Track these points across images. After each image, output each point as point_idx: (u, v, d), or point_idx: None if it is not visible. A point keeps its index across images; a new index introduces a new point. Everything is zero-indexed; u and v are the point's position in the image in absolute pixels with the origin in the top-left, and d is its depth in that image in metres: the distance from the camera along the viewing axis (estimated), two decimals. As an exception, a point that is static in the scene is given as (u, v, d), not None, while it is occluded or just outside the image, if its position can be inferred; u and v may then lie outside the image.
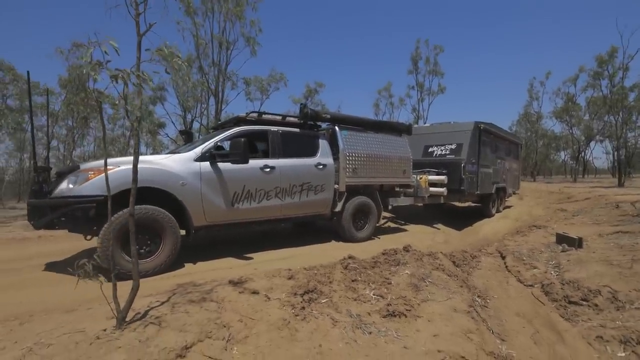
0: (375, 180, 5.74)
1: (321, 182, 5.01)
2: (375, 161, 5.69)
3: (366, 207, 5.61)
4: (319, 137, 5.29)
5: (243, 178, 4.21)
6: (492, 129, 9.07)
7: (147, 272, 3.43)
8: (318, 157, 5.08)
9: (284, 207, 4.63)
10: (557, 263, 4.32)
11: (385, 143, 5.95)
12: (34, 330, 2.14)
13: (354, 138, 5.51)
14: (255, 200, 4.33)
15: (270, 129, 4.75)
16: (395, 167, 6.04)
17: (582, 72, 26.77)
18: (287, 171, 4.64)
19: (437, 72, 29.41)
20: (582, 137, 30.77)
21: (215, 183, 3.99)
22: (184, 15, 13.40)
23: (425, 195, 7.28)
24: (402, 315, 2.62)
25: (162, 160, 3.75)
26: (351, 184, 5.36)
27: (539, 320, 3.09)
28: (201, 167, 3.92)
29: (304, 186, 4.82)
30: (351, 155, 5.36)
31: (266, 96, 20.39)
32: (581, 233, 5.40)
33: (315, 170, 4.97)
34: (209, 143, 4.15)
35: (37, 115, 22.60)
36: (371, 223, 5.68)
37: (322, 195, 5.04)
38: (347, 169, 5.30)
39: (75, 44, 2.48)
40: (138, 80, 2.14)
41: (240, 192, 4.19)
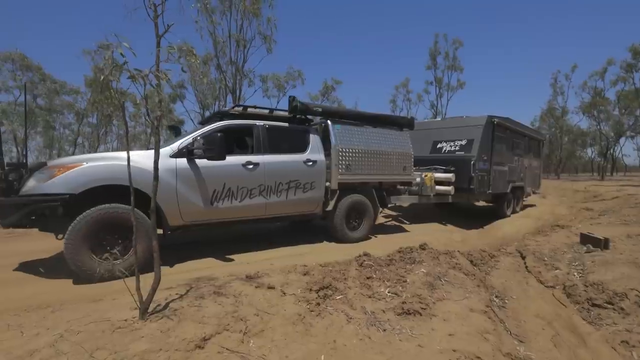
0: (371, 178, 5.46)
1: (311, 180, 4.74)
2: (371, 157, 5.38)
3: (361, 205, 5.33)
4: (309, 131, 5.01)
5: (223, 175, 3.99)
6: (509, 124, 8.46)
7: (119, 272, 3.21)
8: (308, 153, 4.80)
9: (269, 206, 4.41)
10: (580, 264, 4.17)
11: (383, 138, 5.62)
12: (65, 318, 2.26)
13: (348, 132, 5.21)
14: (237, 198, 4.11)
15: (256, 123, 4.49)
16: (394, 164, 5.71)
17: (611, 65, 25.54)
18: (272, 168, 4.39)
19: (456, 67, 28.84)
20: (611, 133, 29.37)
21: (193, 181, 3.79)
22: (202, 14, 13.61)
23: (430, 194, 6.94)
24: (417, 313, 2.61)
25: (134, 156, 3.46)
26: (344, 182, 5.08)
27: (560, 323, 3.01)
28: (177, 164, 3.72)
29: (292, 184, 4.55)
30: (345, 150, 5.06)
31: (283, 93, 20.52)
32: (608, 233, 5.18)
33: (304, 167, 4.70)
34: (187, 138, 3.93)
35: (63, 113, 23.66)
36: (366, 223, 5.40)
37: (312, 193, 4.78)
38: (340, 165, 5.00)
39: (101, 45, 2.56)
40: (157, 80, 2.21)
41: (220, 190, 3.98)
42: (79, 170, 3.23)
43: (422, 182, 6.93)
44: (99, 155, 3.56)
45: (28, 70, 19.47)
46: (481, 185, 7.35)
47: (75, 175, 3.21)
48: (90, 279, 3.11)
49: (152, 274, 2.35)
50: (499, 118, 7.84)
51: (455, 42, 28.36)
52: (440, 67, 29.28)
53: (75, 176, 3.21)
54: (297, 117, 5.02)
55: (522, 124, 9.52)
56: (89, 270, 3.12)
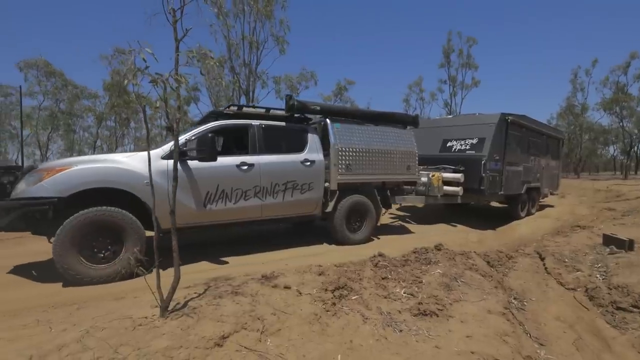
0: (373, 177, 5.29)
1: (309, 180, 4.61)
2: (373, 156, 5.21)
3: (362, 206, 5.16)
4: (308, 131, 4.87)
5: (216, 177, 3.89)
6: (524, 122, 8.06)
7: (107, 277, 3.21)
8: (305, 153, 4.67)
9: (265, 207, 4.29)
10: (603, 266, 4.05)
11: (386, 136, 5.44)
12: (90, 315, 2.35)
13: (348, 131, 5.06)
14: (231, 200, 4.00)
15: (251, 123, 4.38)
16: (397, 163, 5.51)
17: (635, 59, 24.62)
18: (268, 169, 4.28)
19: (471, 64, 28.37)
20: (634, 130, 28.29)
21: (185, 182, 3.69)
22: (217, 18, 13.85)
23: (438, 194, 6.72)
24: (434, 314, 2.59)
25: (125, 158, 3.51)
26: (344, 182, 4.92)
27: (582, 326, 2.93)
28: (169, 166, 3.56)
29: (289, 185, 4.43)
30: (344, 150, 4.91)
31: (296, 94, 20.61)
32: (632, 234, 5.00)
33: (302, 167, 4.57)
34: (179, 139, 3.82)
35: (83, 117, 24.42)
36: (368, 224, 5.24)
37: (310, 194, 4.64)
38: (340, 165, 4.85)
39: (118, 50, 2.61)
40: (177, 84, 2.27)
41: (214, 192, 3.88)
42: (67, 174, 3.18)
43: (429, 182, 6.72)
44: (91, 157, 3.52)
45: (51, 76, 20.18)
46: (492, 186, 7.05)
47: (64, 178, 3.17)
48: (78, 282, 3.10)
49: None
50: (514, 116, 7.50)
51: (469, 40, 27.90)
52: (454, 65, 28.87)
53: (64, 179, 3.17)
54: (295, 116, 4.92)
55: (539, 122, 9.11)
56: (77, 274, 3.09)
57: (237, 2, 14.21)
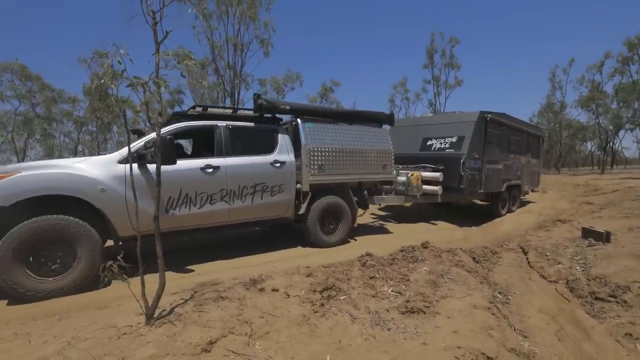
0: (348, 178, 5.19)
1: (279, 182, 4.48)
2: (347, 156, 5.11)
3: (337, 208, 5.05)
4: (278, 131, 4.74)
5: (179, 181, 3.72)
6: (503, 120, 8.00)
7: (59, 290, 3.03)
8: (275, 154, 4.54)
9: (233, 211, 4.14)
10: (583, 258, 4.18)
11: (360, 135, 5.33)
12: (72, 325, 2.29)
13: (320, 131, 4.93)
14: (195, 205, 3.85)
15: (217, 124, 4.23)
16: (373, 162, 5.43)
17: (608, 58, 25.60)
18: (235, 171, 4.13)
19: (454, 64, 28.91)
20: (610, 126, 29.37)
21: (145, 187, 3.50)
22: (199, 19, 13.69)
23: (417, 194, 6.68)
24: (421, 311, 2.62)
25: (77, 164, 3.33)
26: (317, 183, 4.81)
27: (564, 317, 3.02)
28: (126, 171, 3.39)
29: (258, 187, 4.30)
30: (317, 150, 4.79)
31: (282, 95, 20.56)
32: (609, 227, 5.19)
33: (272, 168, 4.44)
34: (138, 142, 3.68)
35: (63, 122, 23.72)
36: (344, 226, 5.14)
37: (281, 196, 4.52)
38: (312, 165, 4.73)
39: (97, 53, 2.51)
40: (156, 87, 2.24)
41: (176, 197, 3.73)
42: (9, 181, 2.97)
43: (408, 181, 6.68)
44: (40, 163, 3.34)
45: (27, 80, 19.54)
46: (472, 184, 7.01)
47: (5, 185, 2.96)
48: (30, 299, 2.93)
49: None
50: (493, 114, 7.46)
51: (451, 40, 28.47)
52: (437, 65, 29.38)
53: (4, 186, 2.96)
54: (265, 117, 4.79)
55: (519, 119, 9.16)
56: (26, 289, 2.89)
57: (220, 3, 14.08)
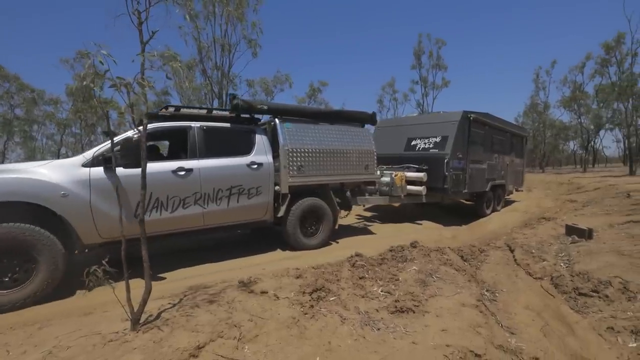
0: (329, 179, 5.06)
1: (256, 184, 4.34)
2: (328, 157, 5.00)
3: (318, 209, 4.93)
4: (255, 132, 4.60)
5: (149, 184, 3.26)
6: (487, 120, 8.00)
7: (16, 303, 2.86)
8: (252, 156, 4.41)
9: (207, 215, 4.00)
10: (566, 255, 4.28)
11: (342, 135, 5.23)
12: (53, 333, 2.21)
13: (300, 131, 4.81)
14: (167, 209, 3.69)
15: (190, 125, 4.09)
16: (355, 163, 5.33)
17: (589, 60, 26.37)
18: (209, 174, 3.99)
19: (441, 65, 29.28)
20: (591, 126, 30.26)
21: (111, 192, 3.33)
22: (186, 20, 13.51)
23: (401, 194, 6.66)
24: (410, 311, 2.64)
25: (37, 168, 3.16)
26: (297, 185, 4.69)
27: (549, 313, 3.08)
28: (91, 174, 3.29)
29: (234, 190, 4.15)
30: (296, 151, 4.66)
31: (271, 97, 20.47)
32: (591, 224, 5.34)
33: (248, 170, 4.30)
34: (105, 145, 3.52)
35: (45, 124, 23.09)
36: (325, 228, 5.02)
37: (258, 199, 4.37)
38: (290, 167, 4.61)
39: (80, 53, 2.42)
40: (141, 88, 2.19)
41: (147, 201, 3.56)
42: None
43: (392, 182, 6.64)
44: None
45: (5, 81, 18.94)
46: (456, 184, 6.99)
47: None
48: None
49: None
50: (476, 113, 7.45)
51: (438, 42, 28.81)
52: (425, 66, 29.72)
53: None
54: (242, 117, 4.65)
55: (503, 119, 9.17)
56: None
57: (207, 4, 13.95)
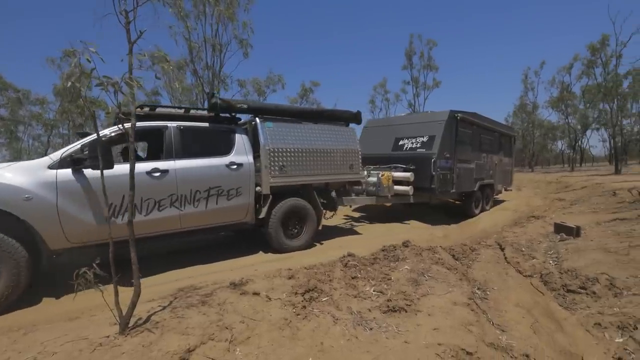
0: (312, 179, 4.97)
1: (236, 185, 4.23)
2: (311, 156, 4.92)
3: (301, 210, 4.83)
4: (235, 131, 4.50)
5: (121, 186, 3.34)
6: (474, 119, 8.01)
7: None
8: (232, 156, 4.30)
9: (184, 217, 3.88)
10: (555, 252, 4.35)
11: (325, 135, 5.15)
12: (38, 339, 2.16)
13: (282, 130, 4.72)
14: (141, 212, 3.57)
15: (166, 124, 3.98)
16: (339, 162, 5.25)
17: (577, 61, 26.90)
18: (186, 175, 3.88)
19: (432, 66, 29.53)
20: (578, 126, 30.87)
21: (80, 195, 3.23)
22: (176, 20, 13.38)
23: (388, 194, 6.64)
24: (403, 310, 2.64)
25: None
26: (279, 185, 4.60)
27: (538, 310, 3.12)
28: (58, 176, 3.16)
29: (212, 191, 4.04)
30: (277, 150, 4.57)
31: (263, 97, 20.40)
32: (579, 222, 5.44)
33: (228, 171, 4.20)
34: (74, 145, 3.39)
35: (31, 125, 22.61)
36: (308, 229, 4.91)
37: (238, 200, 4.25)
38: (272, 167, 4.51)
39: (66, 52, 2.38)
40: (129, 88, 2.15)
41: (118, 204, 3.43)
42: None
43: (379, 181, 6.62)
44: None
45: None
46: (443, 184, 6.96)
47: None
48: None
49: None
50: (463, 113, 7.46)
51: (429, 43, 29.05)
52: (416, 66, 29.94)
53: None
54: (222, 116, 4.55)
55: (491, 119, 9.17)
56: None
57: (197, 3, 13.82)
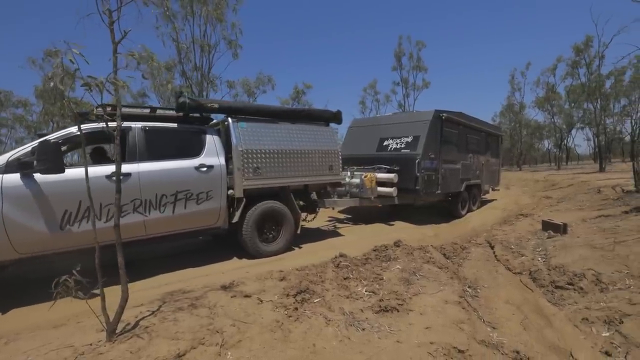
0: (289, 181, 4.78)
1: (206, 189, 4.03)
2: (288, 157, 4.74)
3: (277, 214, 4.63)
4: (206, 132, 4.31)
5: (77, 191, 3.16)
6: (460, 119, 7.88)
7: None
8: (202, 158, 4.10)
9: (150, 224, 3.65)
10: (543, 249, 4.42)
11: (303, 135, 4.99)
12: (21, 348, 2.09)
13: (256, 130, 4.53)
14: (100, 219, 3.33)
15: (130, 125, 3.76)
16: (318, 163, 5.08)
17: (561, 62, 27.54)
18: (150, 178, 3.65)
19: (421, 67, 29.80)
20: (563, 125, 31.58)
21: (30, 201, 3.02)
22: (163, 20, 13.22)
23: (371, 196, 6.47)
24: (395, 310, 2.65)
25: None
26: (252, 188, 4.37)
27: (528, 307, 3.16)
28: (4, 182, 2.96)
29: (180, 195, 3.83)
30: (251, 152, 4.37)
31: (253, 98, 20.30)
32: (566, 219, 5.54)
33: (197, 173, 3.99)
34: (23, 148, 3.20)
35: (14, 128, 22.04)
36: (286, 232, 4.71)
37: (209, 204, 4.05)
38: (245, 169, 4.30)
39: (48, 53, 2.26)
40: (115, 88, 2.11)
41: (74, 211, 3.21)
42: None
43: (361, 183, 6.46)
44: None
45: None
46: (428, 185, 6.81)
47: None
48: None
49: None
50: (449, 112, 7.33)
51: (418, 44, 29.34)
52: (405, 67, 30.20)
53: None
54: (192, 116, 4.37)
55: (478, 119, 9.08)
56: None
57: (185, 4, 13.69)
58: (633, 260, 3.46)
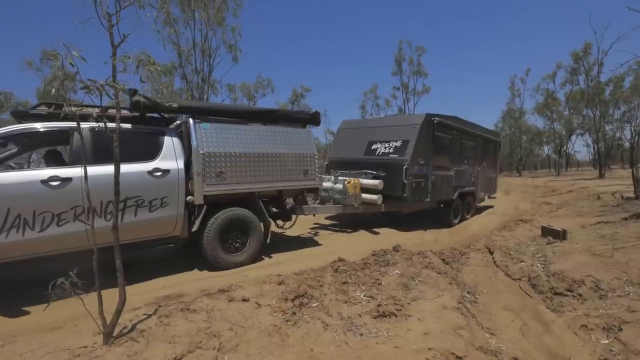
0: (257, 187, 4.45)
1: (160, 195, 3.71)
2: (257, 161, 4.42)
3: (243, 222, 4.29)
4: (164, 134, 4.00)
5: (4, 198, 2.90)
6: (454, 124, 7.46)
7: None
8: (157, 161, 3.78)
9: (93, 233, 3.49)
10: (543, 256, 4.41)
11: (275, 137, 4.67)
12: (17, 351, 2.08)
13: (221, 132, 4.23)
14: (33, 228, 3.01)
15: (73, 126, 3.38)
16: (291, 168, 4.77)
17: (560, 69, 27.72)
18: (94, 183, 3.13)
19: (421, 72, 29.95)
20: (563, 132, 31.68)
21: None
22: (162, 24, 13.32)
23: (355, 203, 6.09)
24: (393, 315, 2.64)
25: None
26: (215, 194, 4.07)
27: (527, 313, 3.16)
28: None
29: (130, 202, 3.51)
30: (214, 155, 4.06)
31: (253, 102, 20.38)
32: (565, 225, 5.54)
33: (150, 178, 3.68)
34: None
35: (16, 129, 22.06)
36: (253, 242, 4.37)
37: (163, 212, 3.74)
38: (207, 174, 3.99)
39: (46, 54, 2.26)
40: (115, 92, 2.12)
41: (2, 219, 2.89)
42: None
43: (344, 189, 6.07)
44: None
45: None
46: (416, 193, 6.43)
47: None
48: None
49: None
50: (441, 116, 6.90)
51: (418, 49, 29.51)
52: (405, 72, 30.35)
53: None
54: (149, 117, 4.11)
55: (473, 123, 8.60)
56: None
57: (186, 8, 13.80)
58: (632, 267, 3.46)
